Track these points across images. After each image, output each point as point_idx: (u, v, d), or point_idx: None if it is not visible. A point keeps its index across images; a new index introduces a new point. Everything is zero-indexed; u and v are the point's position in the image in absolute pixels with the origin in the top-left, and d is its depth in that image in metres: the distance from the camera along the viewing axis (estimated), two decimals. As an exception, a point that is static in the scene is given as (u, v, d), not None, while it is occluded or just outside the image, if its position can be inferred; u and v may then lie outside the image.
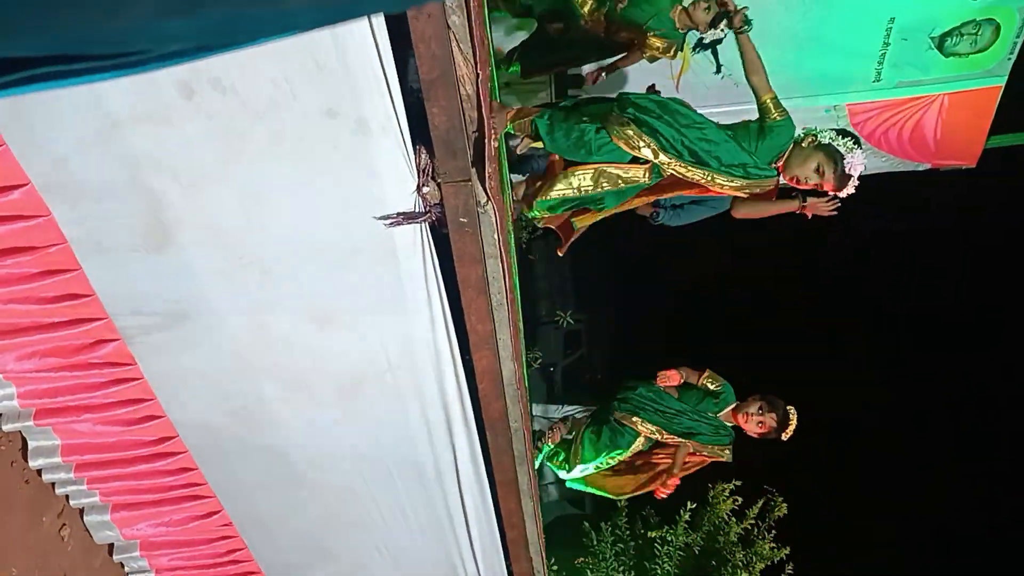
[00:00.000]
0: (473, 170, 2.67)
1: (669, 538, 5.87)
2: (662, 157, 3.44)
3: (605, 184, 3.60)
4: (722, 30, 4.16)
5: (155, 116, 2.46)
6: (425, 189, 2.66)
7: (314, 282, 2.98)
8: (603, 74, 4.97)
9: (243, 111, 2.46)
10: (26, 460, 3.59)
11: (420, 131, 2.56)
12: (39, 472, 3.68)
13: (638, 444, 4.64)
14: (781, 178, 3.52)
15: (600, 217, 3.90)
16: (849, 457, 8.68)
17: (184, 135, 2.51)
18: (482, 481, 3.84)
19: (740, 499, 5.97)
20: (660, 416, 4.55)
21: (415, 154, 2.60)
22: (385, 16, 2.26)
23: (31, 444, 3.54)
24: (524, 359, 4.27)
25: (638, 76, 5.04)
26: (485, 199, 2.74)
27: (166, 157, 2.57)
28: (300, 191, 2.69)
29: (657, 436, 4.56)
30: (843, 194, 3.44)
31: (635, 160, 3.54)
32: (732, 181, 3.45)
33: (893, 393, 8.76)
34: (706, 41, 4.12)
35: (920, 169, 5.96)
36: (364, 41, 2.29)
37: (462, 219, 2.74)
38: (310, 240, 2.85)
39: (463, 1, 2.34)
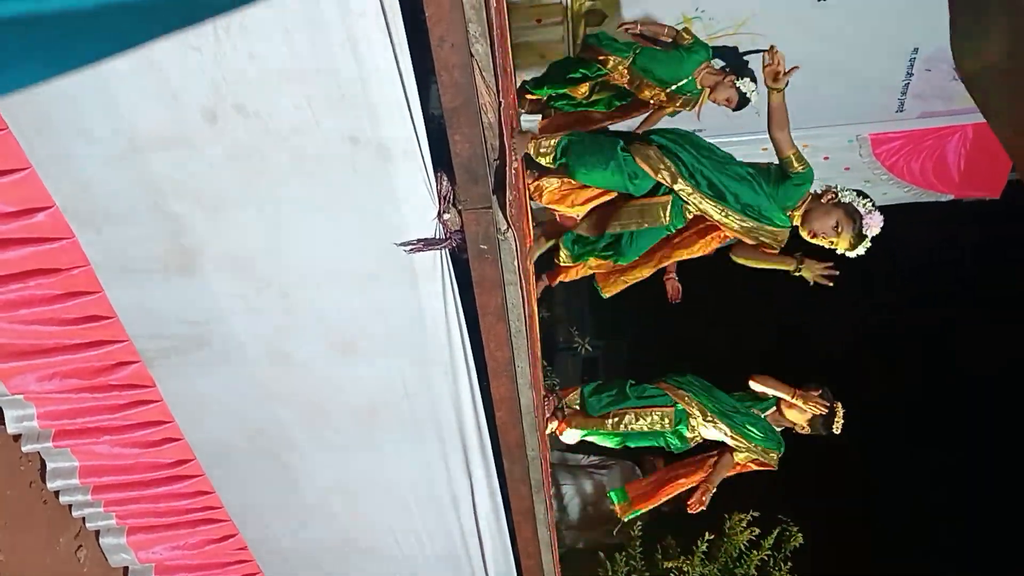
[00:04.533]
0: (494, 197, 2.67)
1: (686, 569, 5.78)
2: (680, 184, 3.47)
3: (625, 222, 3.66)
4: (754, 91, 4.12)
5: (179, 140, 2.48)
6: (446, 216, 2.66)
7: (333, 307, 2.98)
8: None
9: (266, 136, 2.47)
10: (44, 481, 3.61)
11: (442, 158, 2.57)
12: (57, 494, 3.70)
13: (660, 417, 4.10)
14: (789, 232, 3.52)
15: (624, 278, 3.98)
16: (864, 483, 8.60)
17: (207, 159, 2.53)
18: (498, 510, 3.81)
19: (757, 530, 5.89)
20: (709, 403, 4.11)
21: (436, 181, 2.60)
22: (409, 44, 2.27)
23: (49, 465, 3.56)
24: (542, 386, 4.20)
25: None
26: (506, 226, 2.73)
27: (189, 181, 2.59)
28: (321, 216, 2.70)
29: (699, 418, 4.06)
30: (853, 254, 3.42)
31: (653, 193, 3.57)
32: (744, 221, 3.46)
33: (906, 417, 8.70)
34: (742, 90, 4.07)
35: (943, 200, 5.91)
36: (387, 68, 2.30)
37: (482, 246, 2.74)
38: (330, 265, 2.85)
39: (487, 30, 2.35)
